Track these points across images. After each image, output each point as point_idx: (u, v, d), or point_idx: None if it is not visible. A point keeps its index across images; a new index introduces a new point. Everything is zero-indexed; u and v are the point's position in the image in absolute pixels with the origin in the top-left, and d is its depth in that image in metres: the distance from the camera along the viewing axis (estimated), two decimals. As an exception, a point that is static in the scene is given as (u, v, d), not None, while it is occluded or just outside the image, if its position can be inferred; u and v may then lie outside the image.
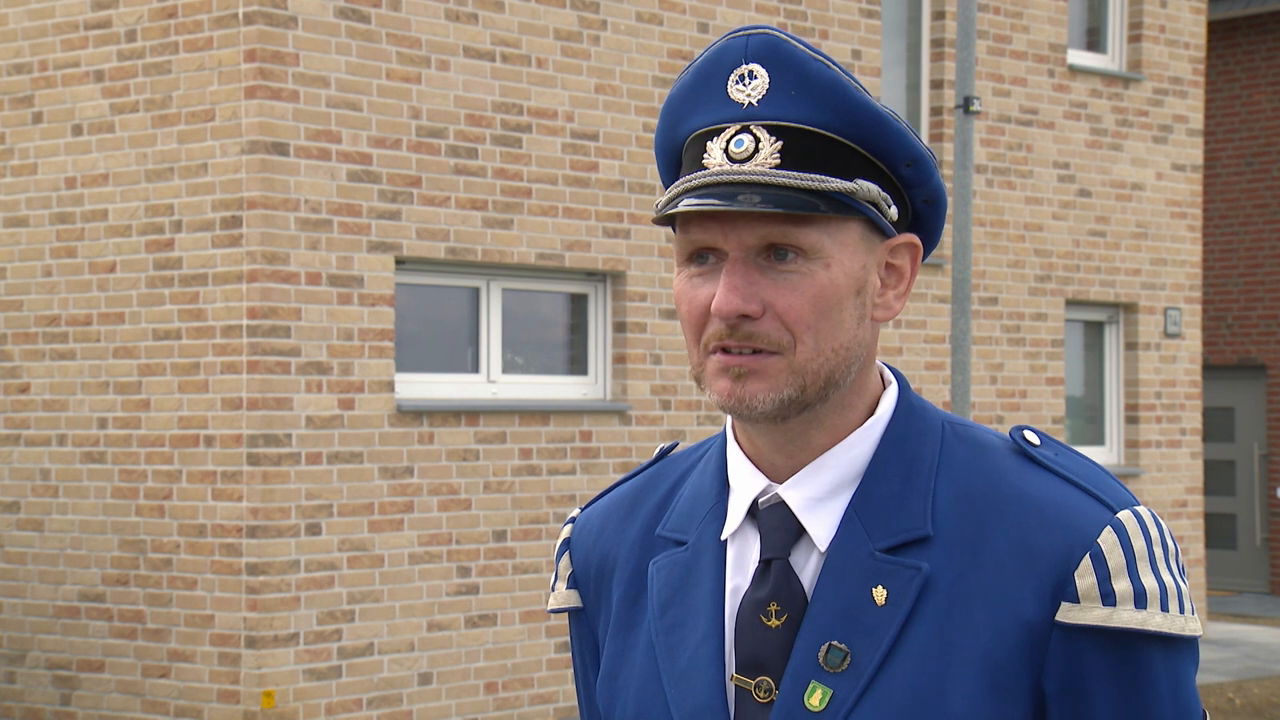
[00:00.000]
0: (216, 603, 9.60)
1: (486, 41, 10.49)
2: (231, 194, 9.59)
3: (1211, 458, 19.32)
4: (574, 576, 2.08)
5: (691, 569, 1.95)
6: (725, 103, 1.89)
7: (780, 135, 1.86)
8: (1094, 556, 1.82)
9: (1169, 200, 14.65)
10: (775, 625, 1.88)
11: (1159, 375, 14.59)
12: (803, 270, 1.85)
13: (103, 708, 10.04)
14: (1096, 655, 1.82)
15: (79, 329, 10.14)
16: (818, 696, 1.84)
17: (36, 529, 10.31)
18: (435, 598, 10.21)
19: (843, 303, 1.87)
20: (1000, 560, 1.84)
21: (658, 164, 2.01)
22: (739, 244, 1.85)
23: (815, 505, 1.90)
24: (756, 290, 1.85)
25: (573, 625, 2.11)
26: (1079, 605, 1.82)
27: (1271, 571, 19.70)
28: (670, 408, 11.35)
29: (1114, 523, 1.84)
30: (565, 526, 2.12)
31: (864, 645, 1.84)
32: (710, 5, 11.57)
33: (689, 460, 2.06)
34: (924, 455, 1.91)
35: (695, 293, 1.89)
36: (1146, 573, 1.83)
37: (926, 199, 1.95)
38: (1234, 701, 12.46)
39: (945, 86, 13.00)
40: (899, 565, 1.85)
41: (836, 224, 1.87)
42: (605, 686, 2.00)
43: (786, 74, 1.88)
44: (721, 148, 1.88)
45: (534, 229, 10.69)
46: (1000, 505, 1.87)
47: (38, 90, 10.34)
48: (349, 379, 9.86)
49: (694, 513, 1.98)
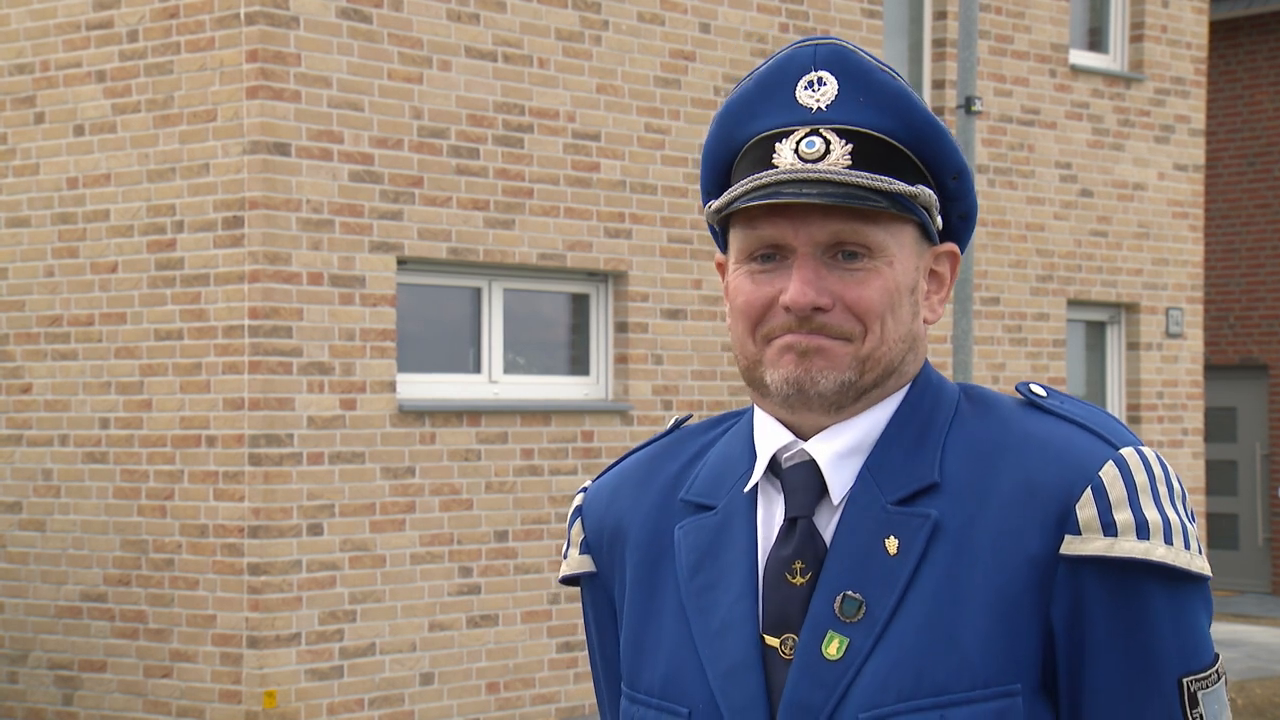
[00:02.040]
0: (218, 603, 9.60)
1: (488, 42, 10.49)
2: (233, 194, 9.59)
3: (1213, 458, 19.32)
4: (586, 542, 2.11)
5: (722, 531, 1.99)
6: (793, 107, 1.96)
7: (850, 139, 1.94)
8: (1095, 489, 1.86)
9: (1171, 200, 14.65)
10: (800, 584, 1.92)
11: (1161, 375, 14.59)
12: (869, 267, 1.93)
13: (104, 708, 10.04)
14: (1098, 587, 1.85)
15: (81, 329, 10.15)
16: (834, 646, 1.88)
17: (38, 529, 10.31)
18: (437, 598, 10.22)
19: (903, 298, 1.95)
20: (1006, 501, 1.89)
21: (704, 173, 2.05)
22: (809, 239, 1.92)
23: (839, 461, 1.95)
24: (827, 285, 1.92)
25: (585, 592, 2.13)
26: (1081, 537, 1.85)
27: (1273, 572, 19.69)
28: (672, 408, 11.35)
29: (1116, 458, 1.88)
30: (577, 495, 2.15)
31: (878, 594, 1.88)
32: (712, 5, 11.57)
33: (712, 431, 2.10)
34: (937, 419, 1.97)
35: (757, 288, 1.95)
36: (1149, 506, 1.86)
37: (962, 213, 2.04)
38: (1236, 702, 12.46)
39: (947, 86, 13.00)
40: (909, 515, 1.90)
41: (897, 225, 1.95)
42: (630, 649, 2.03)
43: (855, 82, 1.96)
44: (792, 148, 1.94)
45: (535, 229, 10.69)
46: (1006, 450, 1.92)
47: (39, 90, 10.34)
48: (350, 379, 9.86)
49: (723, 478, 2.02)
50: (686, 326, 11.38)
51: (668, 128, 11.31)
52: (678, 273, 11.37)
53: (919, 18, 13.21)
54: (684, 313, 11.36)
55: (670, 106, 11.33)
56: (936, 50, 13.15)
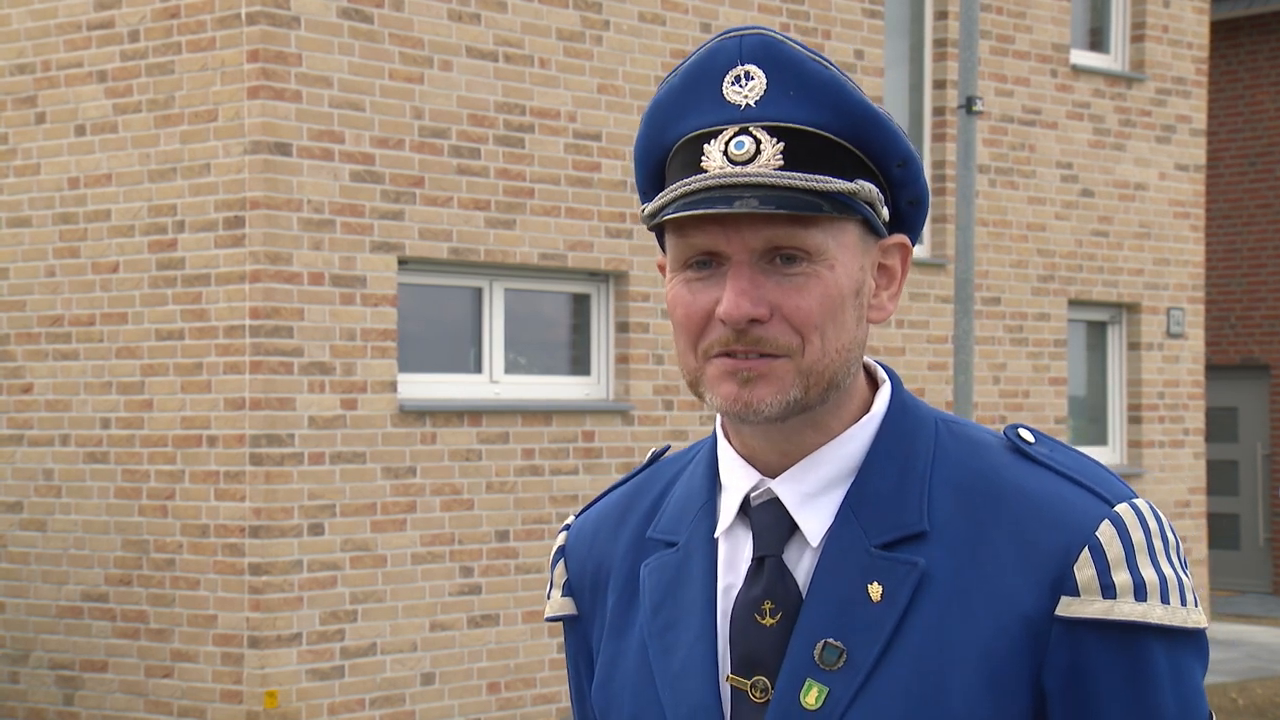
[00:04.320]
0: (219, 603, 9.60)
1: (489, 42, 10.49)
2: (234, 194, 9.59)
3: (1214, 458, 19.32)
4: (569, 584, 2.06)
5: (682, 569, 1.93)
6: (720, 105, 1.85)
7: (781, 136, 1.83)
8: (1093, 549, 1.80)
9: (1172, 200, 14.65)
10: (770, 624, 1.86)
11: (1162, 375, 14.59)
12: (808, 272, 1.83)
13: (106, 708, 10.04)
14: (1098, 648, 1.81)
15: (82, 329, 10.15)
16: (814, 695, 1.82)
17: (39, 529, 10.31)
18: (438, 598, 10.22)
19: (845, 303, 1.85)
20: (998, 556, 1.82)
21: (636, 171, 1.95)
22: (743, 247, 1.82)
23: (808, 501, 1.88)
24: (763, 294, 1.82)
25: (567, 633, 2.09)
26: (1079, 598, 1.80)
27: (1274, 572, 19.69)
28: (673, 408, 11.35)
29: (1111, 516, 1.82)
30: (560, 534, 2.10)
31: (860, 642, 1.82)
32: (713, 5, 11.58)
33: (680, 463, 2.04)
34: (918, 451, 1.88)
35: (694, 298, 1.85)
36: (1146, 565, 1.81)
37: (912, 199, 1.93)
38: (1237, 702, 12.46)
39: (948, 86, 13.00)
40: (895, 561, 1.83)
41: (838, 225, 1.84)
42: (600, 691, 1.98)
43: (784, 74, 1.84)
44: (720, 150, 1.83)
45: (536, 229, 10.69)
46: (997, 501, 1.85)
47: (40, 90, 10.35)
48: (351, 379, 9.86)
49: (684, 513, 1.96)
50: (687, 326, 11.38)
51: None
52: (679, 273, 11.36)
53: (920, 17, 13.21)
54: (685, 313, 11.35)
55: (671, 106, 11.32)
56: (937, 50, 13.15)
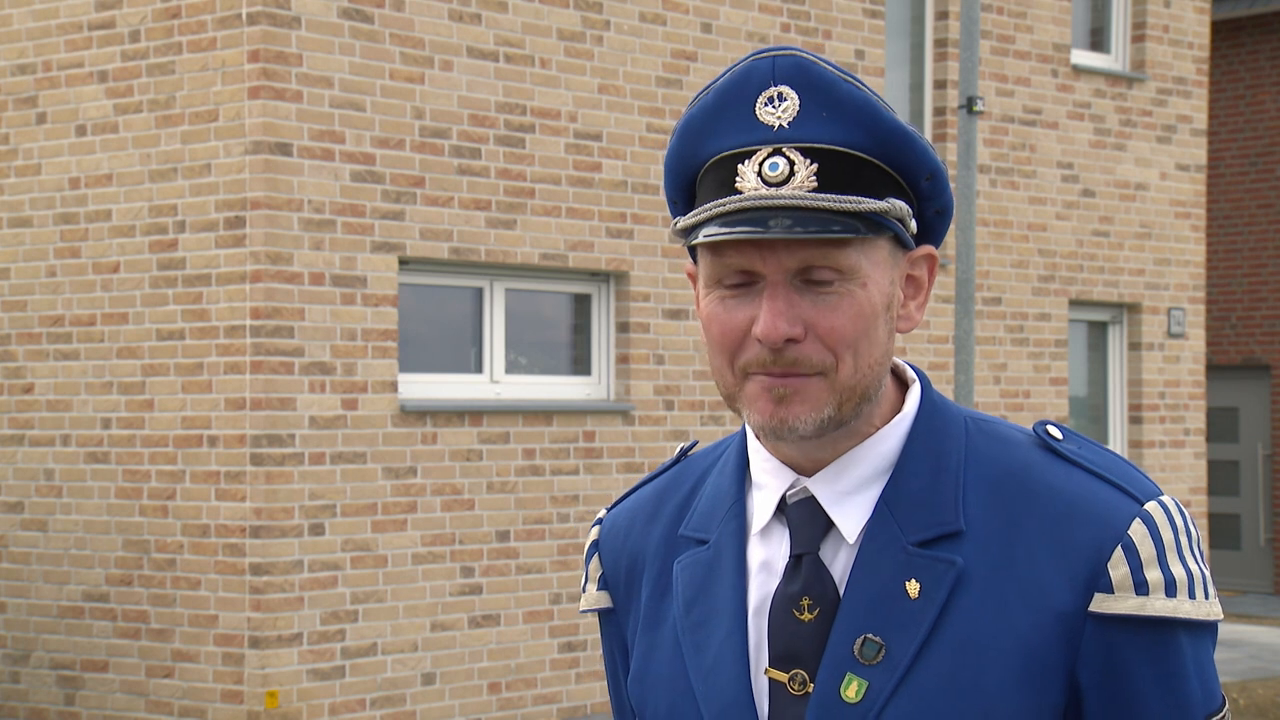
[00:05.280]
0: (220, 603, 9.61)
1: (490, 42, 10.49)
2: (235, 194, 9.59)
3: (1215, 458, 19.31)
4: (604, 578, 2.11)
5: (713, 567, 1.98)
6: (754, 125, 1.89)
7: (814, 157, 1.87)
8: (1126, 548, 1.87)
9: (1173, 200, 14.65)
10: (808, 619, 1.91)
11: (1163, 375, 14.59)
12: (841, 291, 1.87)
13: (106, 708, 10.05)
14: (1131, 642, 1.87)
15: (83, 329, 10.15)
16: (853, 689, 1.87)
17: (40, 529, 10.31)
18: (438, 598, 10.22)
19: (877, 320, 1.90)
20: (1031, 553, 1.88)
21: (667, 184, 1.99)
22: (778, 267, 1.87)
23: (843, 499, 1.93)
24: (798, 313, 1.87)
25: (603, 626, 2.14)
26: (1113, 595, 1.87)
27: (1275, 572, 19.68)
28: (674, 408, 11.35)
29: (1143, 514, 1.89)
30: (593, 528, 2.15)
31: (898, 638, 1.87)
32: (713, 5, 11.58)
33: (708, 460, 2.09)
34: (950, 450, 1.94)
35: (730, 315, 1.92)
36: (1175, 562, 1.88)
37: (938, 210, 1.98)
38: (1238, 702, 12.46)
39: (949, 86, 13.00)
40: (932, 559, 1.89)
41: (869, 243, 1.89)
42: (636, 685, 2.03)
43: (817, 95, 1.88)
44: (754, 170, 1.87)
45: (537, 229, 10.69)
46: (1029, 499, 1.91)
47: (42, 91, 10.35)
48: (352, 379, 9.86)
49: (714, 512, 2.01)
50: (688, 326, 11.38)
51: (669, 128, 11.30)
52: (679, 273, 11.36)
53: (921, 17, 13.21)
54: (686, 313, 11.35)
55: (672, 106, 11.33)
56: (938, 50, 13.15)
